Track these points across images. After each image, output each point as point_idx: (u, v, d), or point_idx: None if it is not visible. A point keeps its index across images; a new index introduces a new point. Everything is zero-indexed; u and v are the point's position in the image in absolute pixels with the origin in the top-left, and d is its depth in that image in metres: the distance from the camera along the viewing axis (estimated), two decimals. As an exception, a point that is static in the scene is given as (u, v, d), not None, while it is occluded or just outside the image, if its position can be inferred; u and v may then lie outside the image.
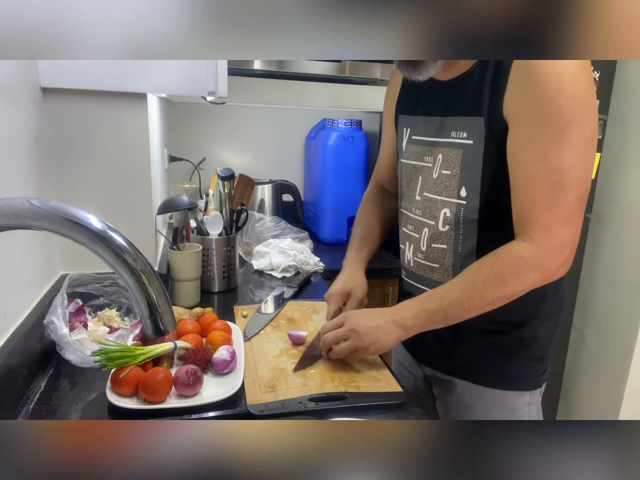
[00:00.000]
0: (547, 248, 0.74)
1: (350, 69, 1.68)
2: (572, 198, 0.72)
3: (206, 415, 0.72)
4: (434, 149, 0.87)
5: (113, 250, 0.46)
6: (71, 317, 0.87)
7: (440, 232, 0.87)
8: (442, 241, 0.88)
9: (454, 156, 0.83)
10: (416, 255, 0.93)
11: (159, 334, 0.49)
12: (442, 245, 0.88)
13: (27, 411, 0.71)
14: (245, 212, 1.30)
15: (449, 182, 0.84)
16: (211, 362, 0.81)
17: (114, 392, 0.72)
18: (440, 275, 0.89)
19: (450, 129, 0.84)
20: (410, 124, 0.94)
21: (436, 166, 0.87)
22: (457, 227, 0.85)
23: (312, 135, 1.92)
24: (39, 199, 0.46)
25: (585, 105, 0.71)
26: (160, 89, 1.02)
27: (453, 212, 0.85)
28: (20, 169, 0.83)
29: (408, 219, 0.95)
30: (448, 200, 0.85)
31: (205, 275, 1.21)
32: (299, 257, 1.43)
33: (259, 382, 0.80)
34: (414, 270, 0.95)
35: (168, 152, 1.67)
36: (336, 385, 0.80)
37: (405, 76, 0.84)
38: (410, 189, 0.94)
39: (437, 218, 0.87)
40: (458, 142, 0.82)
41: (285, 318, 1.07)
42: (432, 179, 0.88)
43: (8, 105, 0.79)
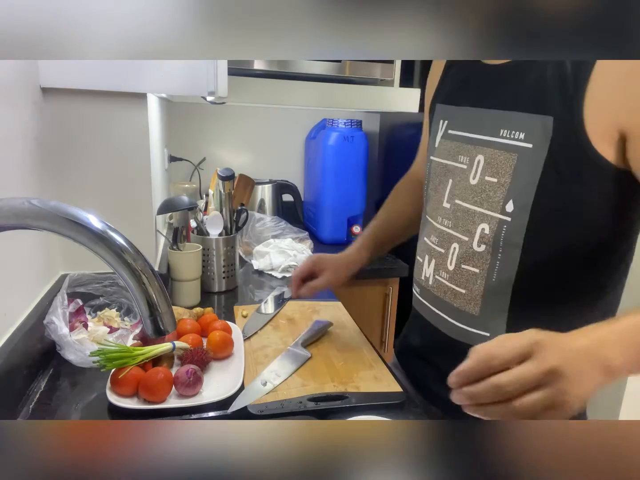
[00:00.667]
0: None
1: (350, 69, 1.68)
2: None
3: (206, 415, 0.72)
4: (473, 147, 0.73)
5: (113, 250, 0.46)
6: (71, 317, 0.87)
7: (474, 253, 0.73)
8: (474, 263, 0.73)
9: (505, 161, 0.68)
10: (439, 274, 0.79)
11: (159, 334, 0.49)
12: (474, 269, 0.73)
13: (27, 411, 0.71)
14: (245, 212, 1.30)
15: (493, 191, 0.70)
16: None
17: (114, 392, 0.72)
18: (465, 303, 0.75)
19: (499, 126, 0.69)
20: (449, 116, 0.80)
21: (475, 170, 0.72)
22: (495, 249, 0.70)
23: (312, 135, 1.92)
24: (39, 199, 0.46)
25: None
26: (160, 89, 1.02)
27: (493, 230, 0.70)
28: (20, 169, 0.83)
29: (432, 229, 0.82)
30: (489, 214, 0.70)
31: (205, 275, 1.21)
32: (299, 257, 1.43)
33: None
34: (433, 291, 0.81)
35: (168, 152, 1.67)
36: (336, 385, 0.80)
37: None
38: (438, 192, 0.81)
39: (472, 234, 0.73)
40: (512, 144, 0.67)
41: (285, 318, 1.07)
42: (468, 185, 0.74)
43: (8, 105, 0.79)
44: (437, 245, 0.80)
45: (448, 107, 0.81)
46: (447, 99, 0.82)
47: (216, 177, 1.23)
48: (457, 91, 0.80)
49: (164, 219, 1.49)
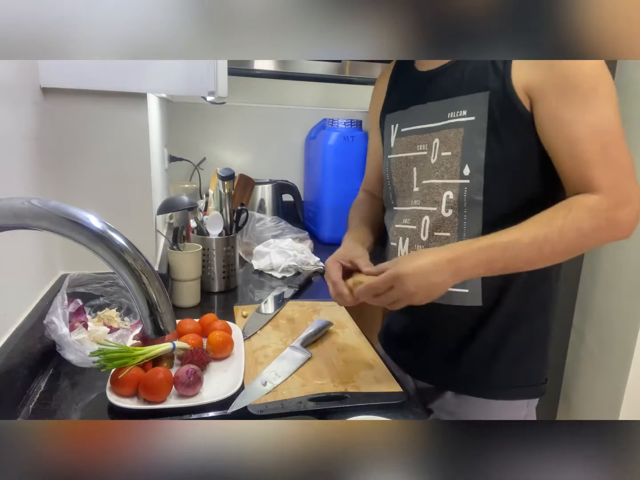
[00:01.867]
0: (617, 201, 0.72)
1: (350, 69, 1.68)
2: (622, 154, 0.72)
3: (206, 415, 0.72)
4: (429, 135, 0.85)
5: (113, 250, 0.46)
6: (71, 317, 0.87)
7: (444, 219, 0.83)
8: (445, 228, 0.83)
9: (454, 135, 0.81)
10: (414, 248, 0.87)
11: (159, 334, 0.49)
12: (446, 233, 0.83)
13: (27, 411, 0.71)
14: (245, 212, 1.30)
15: (450, 163, 0.81)
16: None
17: (114, 392, 0.72)
18: None
19: (446, 112, 0.82)
20: (400, 119, 0.93)
21: (433, 151, 0.84)
22: (460, 210, 0.81)
23: (312, 135, 1.92)
24: (39, 199, 0.46)
25: (603, 66, 0.73)
26: (160, 89, 1.02)
27: (456, 194, 0.81)
28: (20, 169, 0.83)
29: (403, 214, 0.91)
30: (450, 182, 0.81)
31: (205, 275, 1.21)
32: (299, 257, 1.43)
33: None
34: None
35: (168, 152, 1.67)
36: (336, 385, 0.80)
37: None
38: (404, 182, 0.91)
39: (439, 203, 0.83)
40: (457, 121, 0.80)
41: (285, 318, 1.07)
42: (430, 165, 0.85)
43: (8, 105, 0.79)
44: (409, 224, 0.89)
45: (396, 113, 0.94)
46: (393, 107, 0.95)
47: (216, 177, 1.23)
48: (407, 96, 0.91)
49: (164, 219, 1.49)
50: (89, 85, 0.95)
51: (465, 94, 0.80)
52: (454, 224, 0.82)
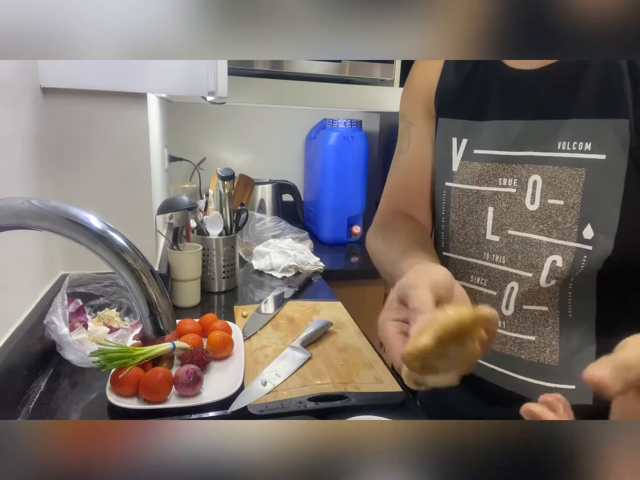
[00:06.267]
0: None
1: (350, 69, 1.68)
2: None
3: (206, 415, 0.72)
4: (522, 168, 0.62)
5: (113, 250, 0.46)
6: (71, 317, 0.87)
7: (540, 289, 0.62)
8: (540, 301, 0.62)
9: (570, 178, 0.58)
10: None
11: (159, 334, 0.50)
12: (542, 307, 0.62)
13: (27, 411, 0.71)
14: (245, 212, 1.30)
15: (561, 216, 0.59)
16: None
17: (114, 392, 0.72)
18: (537, 353, 0.64)
19: (554, 139, 0.59)
20: (469, 133, 0.68)
21: (530, 193, 0.62)
22: (566, 281, 0.60)
23: (312, 135, 1.92)
24: (39, 199, 0.46)
25: None
26: (160, 89, 1.02)
27: (569, 262, 0.59)
28: (20, 169, 0.83)
29: (467, 268, 0.69)
30: (562, 244, 0.59)
31: (206, 275, 1.21)
32: (299, 257, 1.43)
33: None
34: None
35: (168, 152, 1.67)
36: (336, 385, 0.80)
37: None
38: (470, 225, 0.68)
39: (538, 268, 0.61)
40: (575, 157, 0.57)
41: (285, 318, 1.07)
42: (525, 211, 0.62)
43: (8, 105, 0.79)
44: (484, 287, 0.67)
45: (463, 123, 0.69)
46: (456, 111, 0.70)
47: (216, 177, 1.23)
48: (473, 101, 0.67)
49: (164, 219, 1.49)
50: (89, 85, 0.95)
51: (587, 117, 0.56)
52: (554, 296, 0.62)
